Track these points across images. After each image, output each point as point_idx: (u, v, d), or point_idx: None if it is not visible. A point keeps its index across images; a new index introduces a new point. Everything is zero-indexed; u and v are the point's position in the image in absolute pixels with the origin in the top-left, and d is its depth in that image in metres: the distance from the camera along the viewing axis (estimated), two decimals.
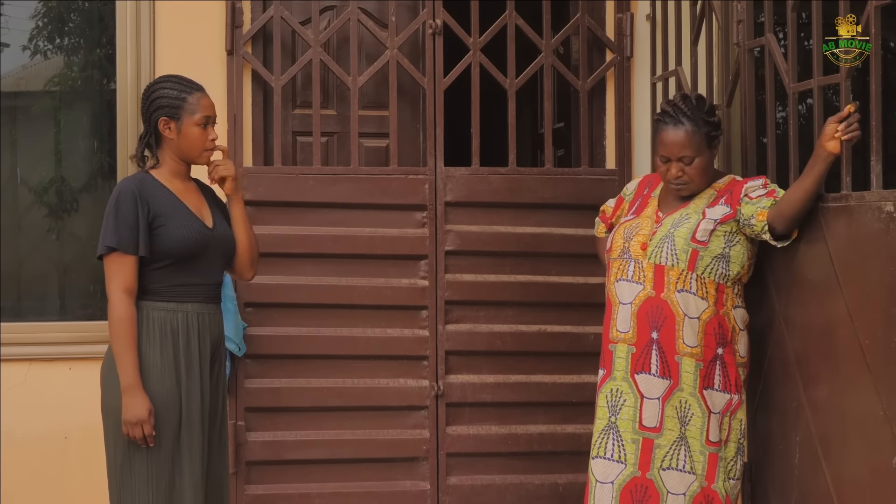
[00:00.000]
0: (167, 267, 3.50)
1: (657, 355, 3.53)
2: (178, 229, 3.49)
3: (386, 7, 4.76)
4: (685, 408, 3.52)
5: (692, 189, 3.57)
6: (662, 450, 3.54)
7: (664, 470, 3.54)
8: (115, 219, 3.44)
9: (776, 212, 3.38)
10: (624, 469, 3.57)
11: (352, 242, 4.64)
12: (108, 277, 3.46)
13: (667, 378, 3.52)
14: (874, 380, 3.05)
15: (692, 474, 3.53)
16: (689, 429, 3.53)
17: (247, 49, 4.70)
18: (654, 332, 3.54)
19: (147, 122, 3.55)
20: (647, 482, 3.55)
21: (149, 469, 3.44)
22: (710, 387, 3.53)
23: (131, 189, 3.47)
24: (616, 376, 3.61)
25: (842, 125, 3.24)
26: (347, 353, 4.65)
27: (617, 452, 3.58)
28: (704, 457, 3.53)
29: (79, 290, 5.02)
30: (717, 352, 3.52)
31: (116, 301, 3.44)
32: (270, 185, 4.64)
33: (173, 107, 3.51)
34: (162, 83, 3.58)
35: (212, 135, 3.57)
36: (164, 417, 3.45)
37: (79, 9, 5.03)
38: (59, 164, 4.95)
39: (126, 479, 3.46)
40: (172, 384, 3.47)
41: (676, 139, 3.52)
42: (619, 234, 3.72)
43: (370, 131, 4.83)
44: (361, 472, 4.67)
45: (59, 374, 4.63)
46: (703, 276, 3.51)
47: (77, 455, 4.65)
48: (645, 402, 3.55)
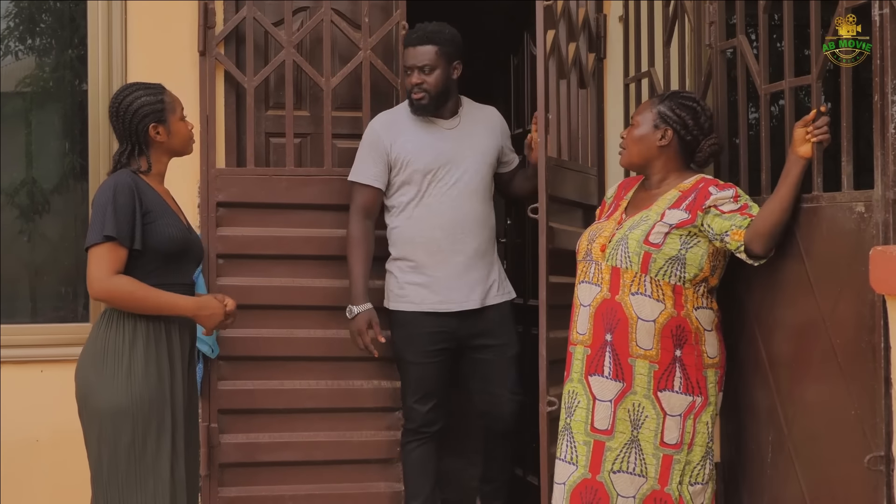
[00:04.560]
0: (150, 266, 3.51)
1: (610, 357, 3.53)
2: (167, 227, 3.54)
3: (359, 8, 4.75)
4: (638, 410, 3.52)
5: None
6: (613, 452, 3.54)
7: (614, 473, 3.53)
8: (113, 209, 3.43)
9: (752, 232, 3.36)
10: (575, 471, 3.57)
11: (325, 244, 4.63)
12: (96, 265, 3.43)
13: (619, 381, 3.52)
14: (846, 379, 3.07)
15: (642, 477, 3.52)
16: (642, 431, 3.52)
17: (219, 50, 4.68)
18: (608, 334, 3.53)
19: (133, 134, 3.58)
20: (597, 484, 3.55)
21: (139, 469, 3.45)
22: (669, 389, 3.51)
23: (127, 181, 3.50)
24: (573, 378, 3.62)
25: (811, 127, 3.27)
26: (321, 354, 4.64)
27: (570, 454, 3.59)
28: (658, 459, 3.52)
29: (50, 292, 4.99)
30: (675, 354, 3.51)
31: (111, 284, 3.42)
32: (243, 186, 4.62)
33: (158, 111, 3.59)
34: (131, 94, 3.61)
35: (190, 125, 3.72)
36: (151, 417, 3.46)
37: (50, 9, 4.99)
38: (30, 166, 4.92)
39: (119, 481, 3.45)
40: (156, 383, 3.48)
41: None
42: (584, 236, 3.74)
43: (343, 132, 4.81)
44: (335, 473, 4.65)
45: (31, 376, 4.60)
46: (658, 278, 3.50)
47: (48, 458, 4.62)
48: (597, 404, 3.55)
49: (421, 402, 4.46)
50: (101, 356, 3.48)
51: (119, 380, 3.44)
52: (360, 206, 4.45)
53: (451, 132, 4.44)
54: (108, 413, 3.43)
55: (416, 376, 4.46)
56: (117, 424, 3.43)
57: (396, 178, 4.41)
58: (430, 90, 4.36)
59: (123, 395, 3.43)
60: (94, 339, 3.54)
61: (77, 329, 4.67)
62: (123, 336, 3.47)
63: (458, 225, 4.37)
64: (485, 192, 4.45)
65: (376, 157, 4.42)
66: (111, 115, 3.62)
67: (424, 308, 4.41)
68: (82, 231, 4.72)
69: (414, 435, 4.51)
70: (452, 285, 4.39)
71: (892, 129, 2.92)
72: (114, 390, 3.43)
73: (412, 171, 4.38)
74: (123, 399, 3.43)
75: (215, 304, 3.68)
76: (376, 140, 4.43)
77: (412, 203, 4.40)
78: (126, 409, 3.43)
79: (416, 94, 4.36)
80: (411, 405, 4.48)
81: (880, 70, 2.96)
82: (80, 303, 4.83)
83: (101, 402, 3.44)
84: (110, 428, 3.43)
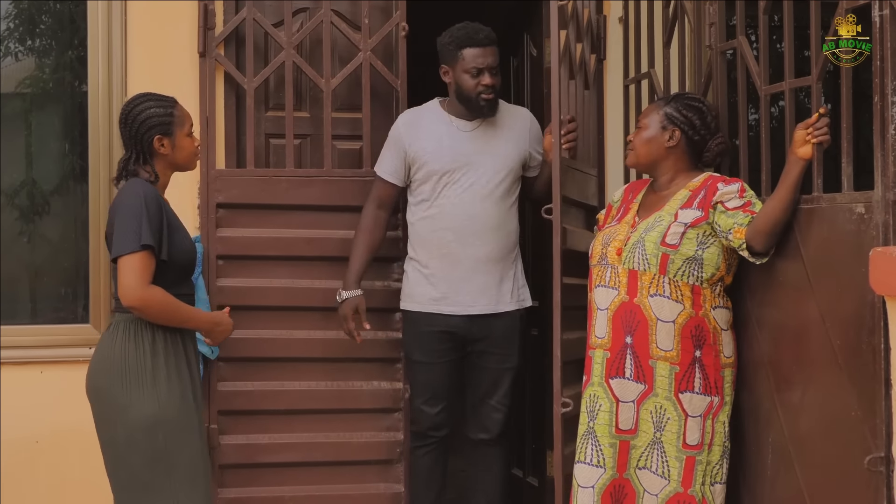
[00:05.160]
0: (169, 276, 3.53)
1: (631, 360, 3.54)
2: (184, 239, 3.60)
3: (359, 9, 4.74)
4: (660, 412, 3.53)
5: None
6: (638, 450, 3.56)
7: (640, 469, 3.56)
8: (147, 218, 3.43)
9: (753, 230, 3.38)
10: (603, 473, 3.58)
11: (325, 245, 4.63)
12: (132, 273, 3.40)
13: (641, 382, 3.53)
14: (846, 380, 3.07)
15: (665, 479, 3.53)
16: (664, 433, 3.53)
17: (219, 51, 4.68)
18: (627, 336, 3.54)
19: (138, 143, 3.58)
20: (623, 481, 3.58)
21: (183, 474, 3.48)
22: (689, 390, 3.52)
23: (154, 192, 3.53)
24: (594, 382, 3.63)
25: (811, 128, 3.27)
26: (321, 355, 4.64)
27: (596, 457, 3.59)
28: (681, 462, 3.53)
29: (50, 293, 4.98)
30: (695, 354, 3.53)
31: (149, 293, 3.43)
32: (243, 187, 4.62)
33: (165, 124, 3.60)
34: (142, 104, 3.62)
35: (197, 141, 3.73)
36: (182, 425, 3.50)
37: (50, 10, 4.99)
38: (30, 167, 4.91)
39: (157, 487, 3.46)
40: (179, 389, 3.51)
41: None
42: (598, 240, 3.75)
43: (343, 133, 4.81)
44: (335, 475, 4.65)
45: (31, 377, 4.60)
46: (676, 279, 3.52)
47: (48, 459, 4.61)
48: (620, 406, 3.56)
49: (429, 403, 4.44)
50: (124, 369, 3.47)
51: (146, 390, 3.45)
52: (374, 197, 4.48)
53: (471, 134, 4.41)
54: (139, 423, 3.43)
55: (424, 376, 4.45)
56: (151, 434, 3.44)
57: (415, 175, 4.42)
58: (497, 91, 4.37)
59: (152, 405, 3.44)
60: (110, 351, 3.51)
61: (77, 330, 4.67)
62: (144, 347, 3.48)
63: (468, 228, 4.33)
64: (501, 197, 4.39)
65: (395, 153, 4.44)
66: (120, 121, 3.63)
67: (430, 308, 4.40)
68: (82, 233, 4.74)
69: (422, 440, 4.49)
70: (460, 288, 4.37)
71: (892, 130, 2.92)
72: (143, 401, 3.44)
73: (428, 171, 4.37)
74: (153, 409, 3.44)
75: (228, 320, 3.80)
76: (398, 137, 4.45)
77: (427, 202, 4.40)
78: (157, 419, 3.44)
79: (487, 95, 4.32)
80: (419, 406, 4.46)
81: (880, 71, 2.97)
82: (80, 304, 4.82)
83: (132, 412, 3.44)
84: (144, 438, 3.43)
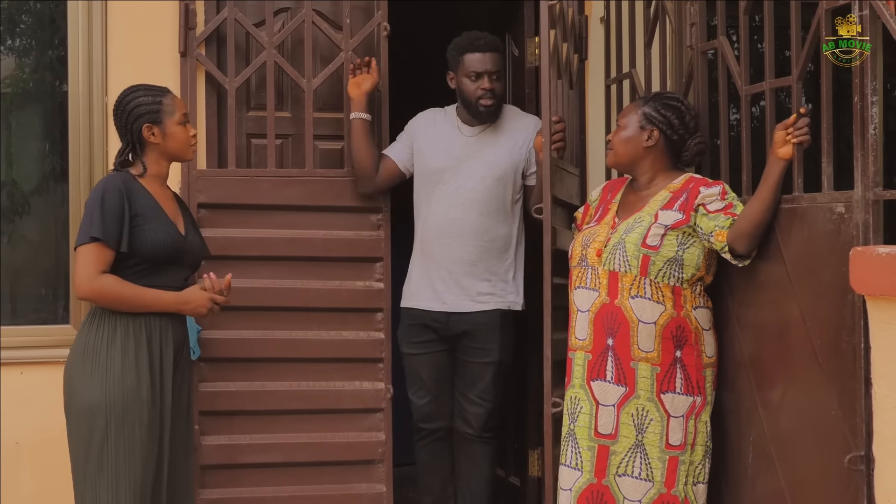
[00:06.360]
0: (136, 268, 3.56)
1: (613, 362, 3.53)
2: (154, 232, 3.58)
3: (340, 9, 4.74)
4: (642, 414, 3.52)
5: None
6: (618, 456, 3.54)
7: (619, 476, 3.54)
8: (101, 211, 3.48)
9: (735, 233, 3.39)
10: (580, 476, 3.57)
11: (306, 245, 4.62)
12: (83, 265, 3.49)
13: (622, 385, 3.53)
14: (826, 380, 3.08)
15: (649, 482, 3.53)
16: (646, 435, 3.53)
17: (200, 51, 4.66)
18: (609, 338, 3.54)
19: (128, 133, 3.65)
20: (602, 489, 3.55)
21: (109, 467, 3.46)
22: (671, 390, 3.52)
23: (118, 184, 3.55)
24: (574, 384, 3.63)
25: (791, 129, 3.28)
26: (302, 355, 4.63)
27: (574, 460, 3.59)
28: (664, 463, 3.53)
29: (30, 293, 4.96)
30: (676, 355, 3.53)
31: (97, 284, 3.48)
32: (224, 187, 4.61)
33: (153, 112, 3.64)
34: (133, 94, 3.67)
35: (192, 130, 3.74)
36: (125, 416, 3.48)
37: (30, 10, 4.97)
38: (10, 167, 4.89)
39: (91, 478, 3.47)
40: (133, 382, 3.50)
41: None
42: (578, 241, 3.74)
43: (325, 133, 4.80)
44: (317, 475, 4.64)
45: (11, 378, 4.58)
46: (657, 280, 3.52)
47: (29, 460, 4.59)
48: (600, 409, 3.56)
49: (417, 395, 4.63)
50: (83, 354, 3.53)
51: (96, 378, 3.48)
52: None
53: (470, 139, 4.52)
54: (83, 410, 3.47)
55: (410, 368, 4.65)
56: (91, 421, 3.47)
57: (415, 170, 4.58)
58: (499, 96, 4.48)
59: (99, 392, 3.47)
60: (78, 338, 3.59)
61: (57, 331, 4.65)
62: (104, 334, 3.52)
63: (446, 230, 4.45)
64: (487, 204, 4.45)
65: (405, 140, 4.63)
66: (113, 113, 3.70)
67: (410, 303, 4.60)
68: (63, 233, 4.72)
69: (417, 433, 4.67)
70: (436, 286, 4.51)
71: (871, 130, 2.94)
72: (90, 388, 3.48)
73: (422, 168, 4.54)
74: (98, 396, 3.47)
75: (197, 294, 3.70)
76: (412, 128, 4.65)
77: (423, 201, 4.56)
78: (99, 407, 3.46)
79: (487, 101, 4.44)
80: (410, 397, 4.65)
81: (860, 71, 2.98)
82: (61, 304, 4.80)
83: (79, 399, 3.49)
84: (85, 425, 3.47)
